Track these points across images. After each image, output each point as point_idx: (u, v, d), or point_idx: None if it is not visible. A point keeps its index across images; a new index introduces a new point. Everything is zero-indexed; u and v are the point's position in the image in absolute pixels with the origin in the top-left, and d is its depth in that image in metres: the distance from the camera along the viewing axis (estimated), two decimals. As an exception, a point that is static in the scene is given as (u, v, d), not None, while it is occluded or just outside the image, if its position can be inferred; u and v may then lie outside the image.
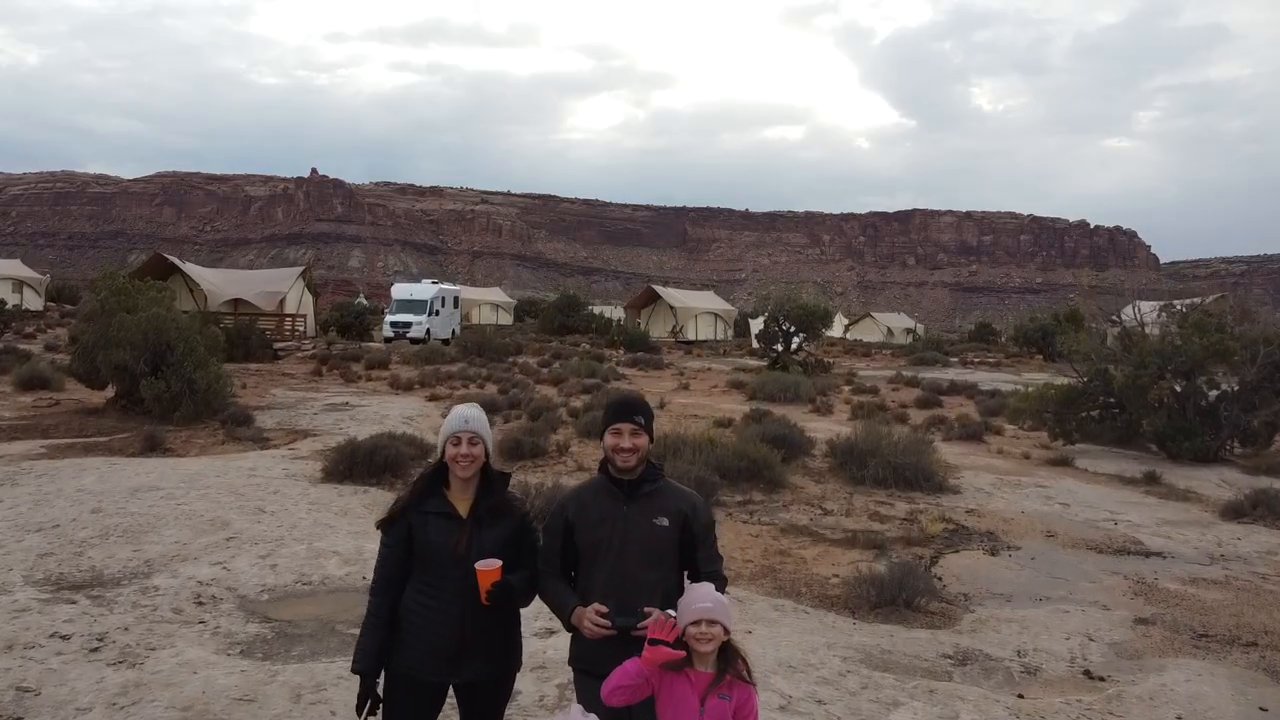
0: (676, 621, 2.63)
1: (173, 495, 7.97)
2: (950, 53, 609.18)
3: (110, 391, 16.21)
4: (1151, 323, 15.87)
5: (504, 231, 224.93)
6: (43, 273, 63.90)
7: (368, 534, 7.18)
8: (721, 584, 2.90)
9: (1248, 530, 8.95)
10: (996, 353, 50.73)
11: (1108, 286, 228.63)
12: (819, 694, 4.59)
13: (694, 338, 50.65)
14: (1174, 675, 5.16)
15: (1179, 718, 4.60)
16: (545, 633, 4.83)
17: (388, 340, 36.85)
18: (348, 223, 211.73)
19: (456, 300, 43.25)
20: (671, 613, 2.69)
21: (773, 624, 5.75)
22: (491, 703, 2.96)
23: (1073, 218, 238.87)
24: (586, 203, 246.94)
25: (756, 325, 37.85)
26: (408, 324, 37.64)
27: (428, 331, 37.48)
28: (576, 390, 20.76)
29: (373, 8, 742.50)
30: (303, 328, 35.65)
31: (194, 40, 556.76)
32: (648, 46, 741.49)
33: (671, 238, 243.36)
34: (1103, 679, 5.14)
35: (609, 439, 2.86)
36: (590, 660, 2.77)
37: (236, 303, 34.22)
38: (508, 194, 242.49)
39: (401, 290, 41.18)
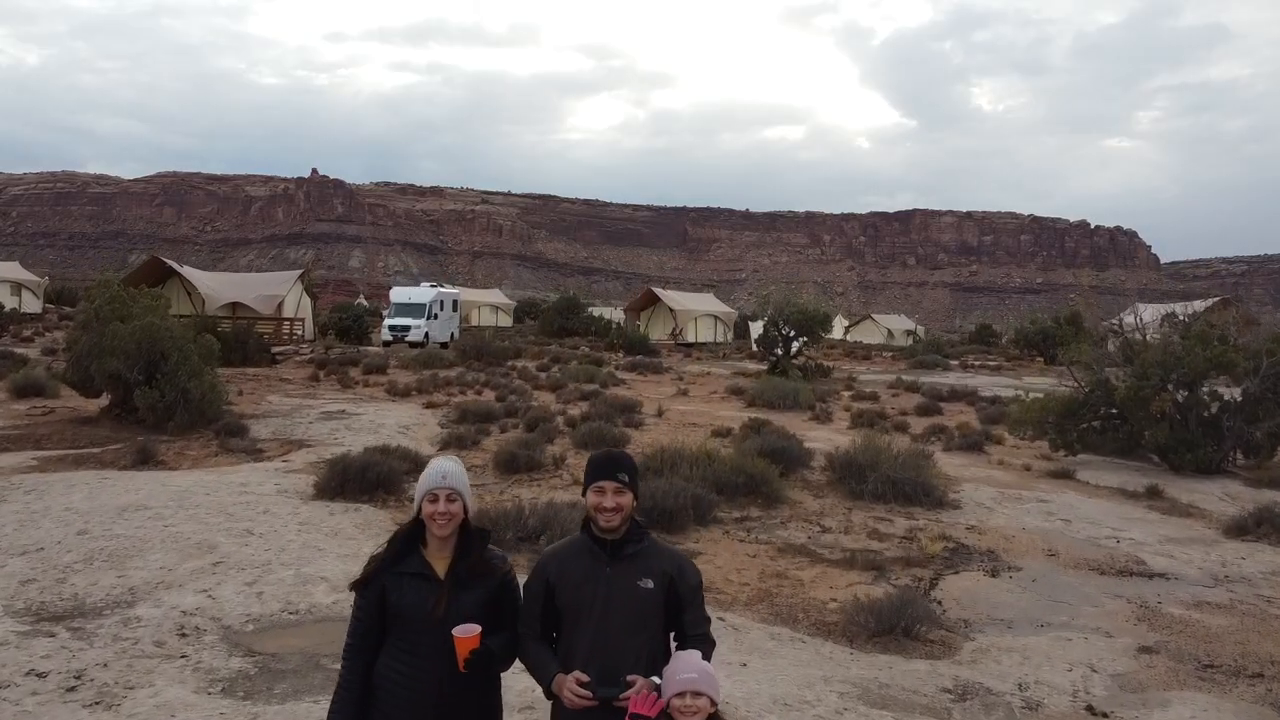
0: (661, 693, 2.51)
1: (160, 515, 7.85)
2: (950, 53, 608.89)
3: (105, 400, 16.10)
4: (1153, 329, 15.76)
5: (504, 232, 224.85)
6: (41, 275, 63.82)
7: (357, 557, 7.06)
8: (709, 647, 2.79)
9: (1252, 549, 8.83)
10: (997, 355, 50.62)
11: (1108, 286, 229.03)
12: (815, 735, 4.47)
13: (694, 340, 50.53)
14: (1179, 711, 5.04)
15: (1184, 759, 4.49)
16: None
17: (386, 344, 36.73)
18: (348, 223, 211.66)
19: (455, 303, 43.12)
20: (656, 680, 2.58)
21: (769, 655, 5.63)
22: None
23: (1073, 218, 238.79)
24: (587, 203, 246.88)
25: (756, 329, 37.74)
26: (406, 327, 37.52)
27: (426, 335, 37.35)
28: (575, 397, 20.63)
29: (373, 8, 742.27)
30: (301, 331, 35.54)
31: (193, 40, 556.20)
32: (648, 46, 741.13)
33: (672, 238, 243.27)
34: (1105, 715, 5.02)
35: (591, 497, 2.74)
36: (571, 731, 2.66)
37: (234, 306, 34.12)
38: (508, 194, 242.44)
39: (400, 294, 41.04)
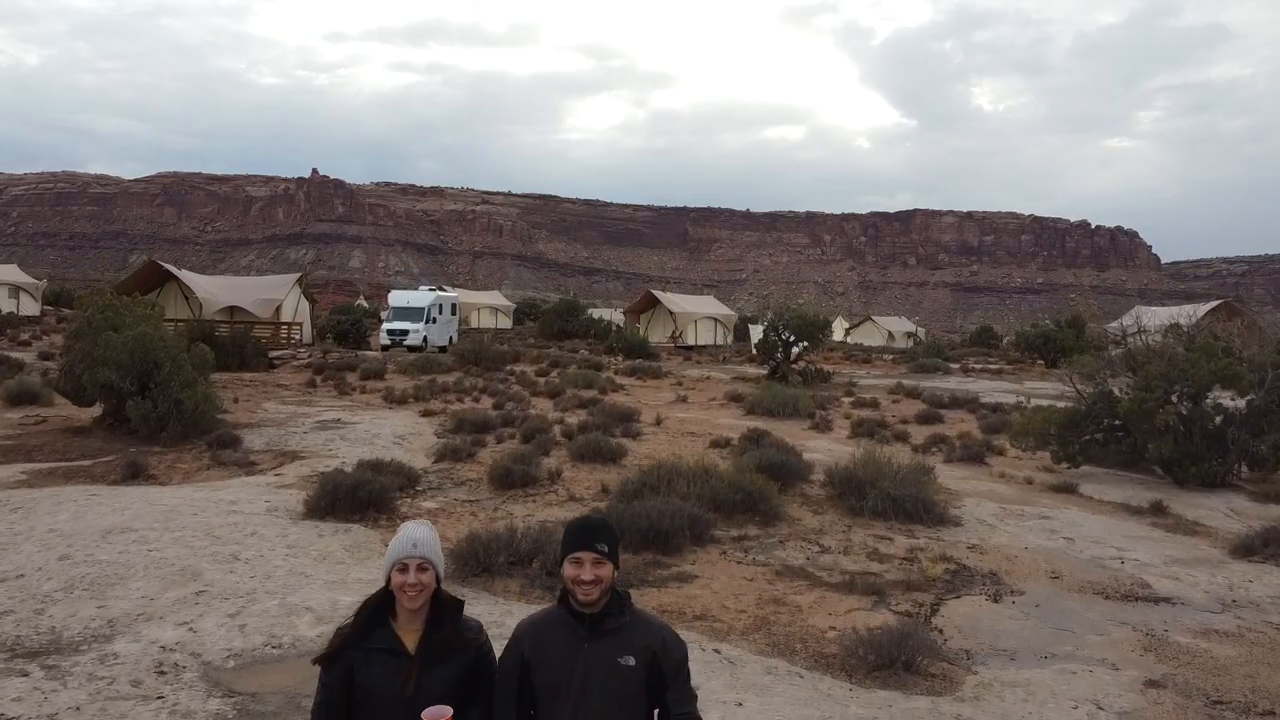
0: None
1: (145, 539, 7.69)
2: (950, 53, 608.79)
3: (98, 409, 15.95)
4: (1155, 335, 15.59)
5: (505, 232, 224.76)
6: (39, 277, 63.72)
7: (344, 584, 6.91)
8: None
9: (1259, 571, 8.66)
10: (998, 358, 50.45)
11: (1109, 287, 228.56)
12: (812, 785, 4.31)
13: (694, 343, 50.38)
14: (1188, 754, 4.87)
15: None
16: None
17: (384, 348, 36.57)
18: (349, 223, 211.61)
19: (454, 307, 42.96)
20: None
21: (764, 692, 5.47)
22: None
23: (1074, 218, 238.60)
24: (587, 203, 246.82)
25: (756, 333, 37.59)
26: (404, 331, 37.35)
27: (425, 339, 37.20)
28: (573, 405, 20.48)
29: (372, 8, 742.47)
30: (299, 335, 35.38)
31: (193, 40, 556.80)
32: (648, 46, 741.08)
33: (672, 238, 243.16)
34: (1113, 758, 4.86)
35: (568, 569, 2.58)
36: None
37: (232, 310, 33.97)
38: (508, 194, 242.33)
39: (398, 298, 40.86)
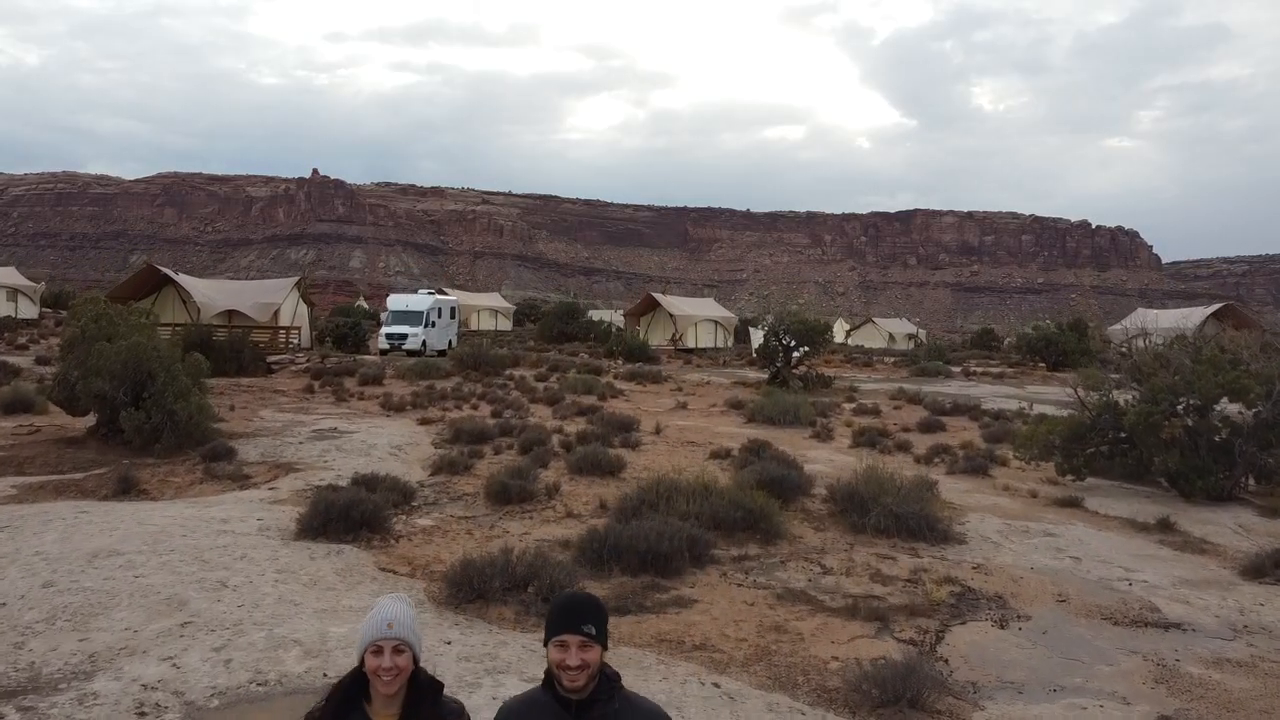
0: None
1: (132, 564, 7.52)
2: (950, 52, 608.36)
3: (92, 419, 15.79)
4: (1161, 337, 15.43)
5: (505, 232, 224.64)
6: (39, 278, 63.63)
7: (334, 613, 6.74)
8: None
9: (1270, 593, 8.49)
10: (999, 361, 50.29)
11: (1110, 287, 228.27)
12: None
13: (694, 346, 50.22)
14: (1204, 800, 4.70)
15: None
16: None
17: (383, 352, 36.42)
18: (349, 223, 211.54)
19: (454, 311, 42.80)
20: None
21: (766, 732, 5.30)
22: None
23: (1074, 218, 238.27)
24: (587, 203, 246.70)
25: (757, 337, 37.42)
26: (403, 335, 37.20)
27: (424, 343, 37.04)
28: (572, 413, 20.31)
29: (372, 8, 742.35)
30: (297, 340, 35.22)
31: (193, 40, 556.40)
32: (648, 46, 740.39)
33: (673, 238, 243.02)
34: (1127, 806, 4.69)
35: (553, 653, 2.40)
36: None
37: (230, 314, 33.83)
38: (509, 194, 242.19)
39: (397, 301, 40.70)
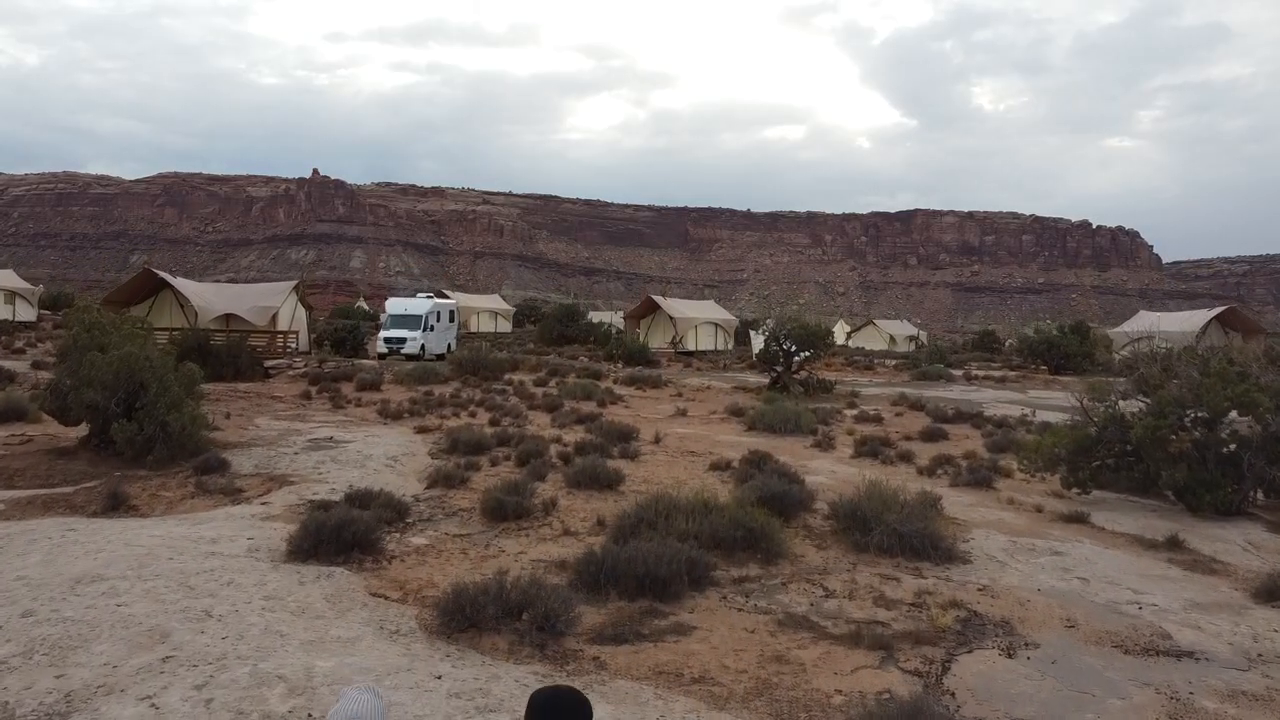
0: None
1: (116, 591, 7.32)
2: (950, 52, 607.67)
3: (85, 428, 15.61)
4: (1165, 340, 15.23)
5: (505, 232, 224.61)
6: (39, 280, 63.46)
7: (322, 644, 6.54)
8: None
9: (1284, 618, 8.28)
10: (1001, 364, 50.07)
11: (1110, 287, 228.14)
12: None
13: (694, 348, 50.03)
14: None
15: None
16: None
17: (381, 356, 36.22)
18: (349, 223, 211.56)
19: (453, 314, 42.59)
20: None
21: (767, 777, 5.10)
22: None
23: (1075, 218, 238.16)
24: (588, 203, 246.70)
25: (758, 342, 37.21)
26: (402, 340, 36.99)
27: (422, 348, 36.83)
28: (571, 420, 20.13)
29: (372, 8, 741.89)
30: (295, 344, 35.02)
31: (193, 40, 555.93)
32: (648, 46, 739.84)
33: (673, 238, 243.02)
34: None
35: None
36: None
37: (228, 318, 33.63)
38: (509, 194, 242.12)
39: (396, 305, 40.49)
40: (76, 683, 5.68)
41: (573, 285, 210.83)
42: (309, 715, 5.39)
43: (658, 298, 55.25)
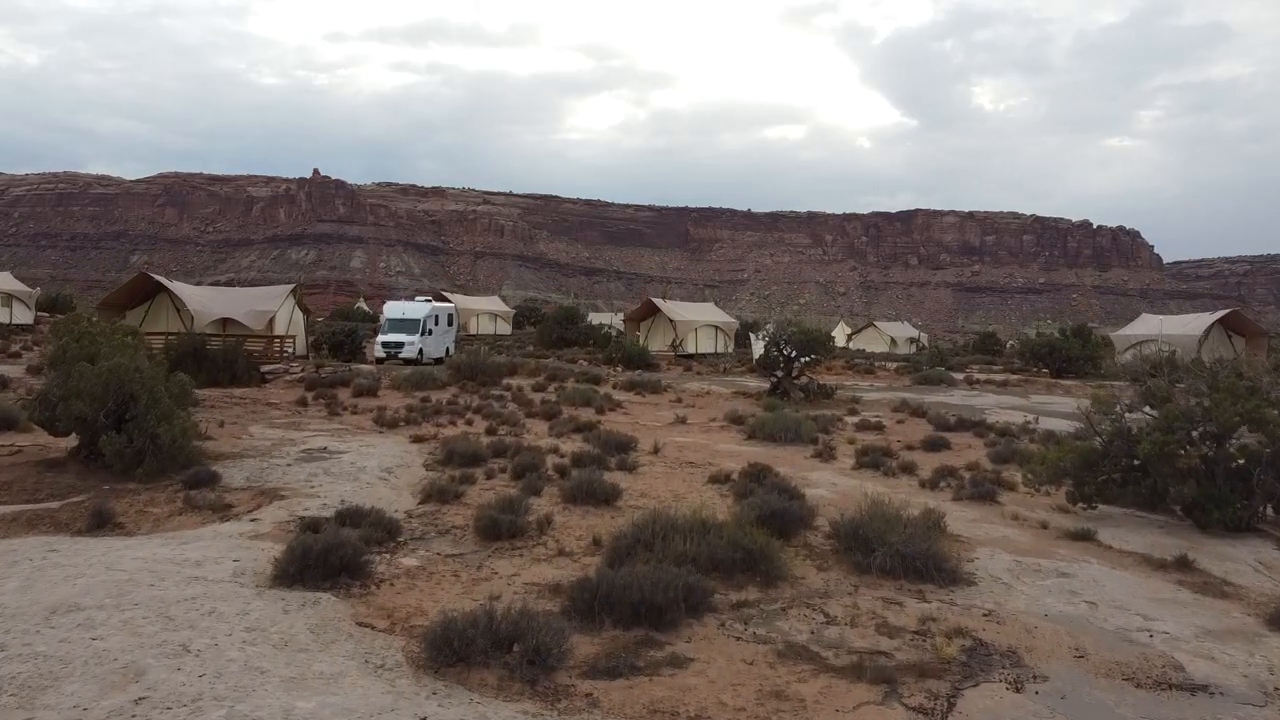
0: None
1: (92, 622, 7.08)
2: (951, 52, 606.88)
3: (74, 439, 15.38)
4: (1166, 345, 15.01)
5: (506, 232, 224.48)
6: (39, 281, 63.24)
7: (303, 682, 6.30)
8: None
9: (1299, 647, 8.03)
10: (1002, 367, 49.81)
11: (1111, 287, 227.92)
12: None
13: (694, 351, 49.80)
14: None
15: None
16: None
17: (379, 361, 35.98)
18: (350, 223, 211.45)
19: (451, 317, 42.34)
20: None
21: (765, 832, 4.85)
22: None
23: (1075, 218, 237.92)
24: (588, 203, 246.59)
25: (758, 346, 36.97)
26: (400, 344, 36.75)
27: (420, 352, 36.59)
28: (569, 429, 19.89)
29: (372, 8, 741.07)
30: (291, 349, 34.79)
31: (193, 40, 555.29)
32: (648, 46, 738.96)
33: (673, 238, 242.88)
34: None
35: None
36: None
37: (225, 323, 33.42)
38: (509, 194, 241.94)
39: (394, 309, 40.23)
40: (44, 727, 5.44)
41: (573, 285, 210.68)
42: (286, 764, 5.15)
43: (658, 300, 55.01)
